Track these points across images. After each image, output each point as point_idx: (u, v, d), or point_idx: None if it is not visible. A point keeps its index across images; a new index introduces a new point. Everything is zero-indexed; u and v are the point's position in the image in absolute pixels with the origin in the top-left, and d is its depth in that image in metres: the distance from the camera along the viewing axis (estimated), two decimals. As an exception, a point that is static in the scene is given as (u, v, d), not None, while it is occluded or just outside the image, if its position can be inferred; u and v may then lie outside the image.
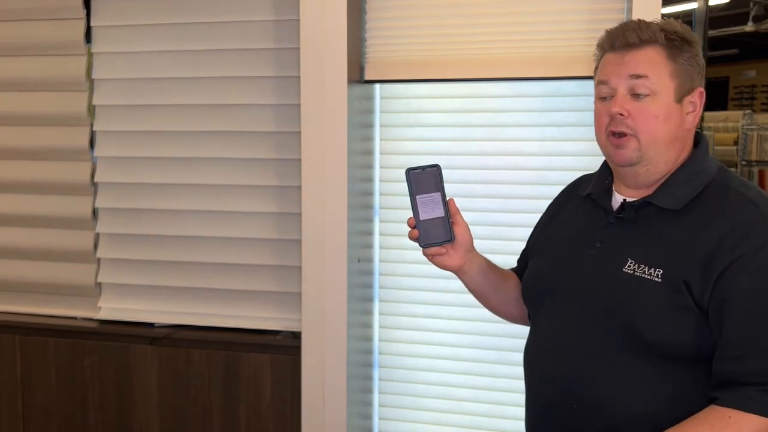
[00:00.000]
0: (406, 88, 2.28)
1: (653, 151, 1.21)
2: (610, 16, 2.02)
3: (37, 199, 2.56)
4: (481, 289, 1.48)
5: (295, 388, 2.30)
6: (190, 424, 2.42)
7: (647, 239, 1.21)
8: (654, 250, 1.19)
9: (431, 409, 2.35)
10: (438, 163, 1.36)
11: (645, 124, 1.20)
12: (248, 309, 2.42)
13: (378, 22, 2.21)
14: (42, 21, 2.46)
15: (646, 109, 1.20)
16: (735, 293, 1.12)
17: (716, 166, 1.25)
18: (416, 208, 1.33)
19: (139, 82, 2.41)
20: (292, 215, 2.32)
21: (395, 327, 2.37)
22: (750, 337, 1.12)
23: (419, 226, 1.34)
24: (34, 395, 2.54)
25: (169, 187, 2.44)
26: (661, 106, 1.20)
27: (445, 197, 1.34)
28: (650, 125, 1.20)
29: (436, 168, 1.35)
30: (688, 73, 1.21)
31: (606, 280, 1.23)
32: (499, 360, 2.25)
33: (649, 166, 1.23)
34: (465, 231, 1.36)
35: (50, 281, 2.58)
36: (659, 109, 1.19)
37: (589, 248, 1.28)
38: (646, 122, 1.20)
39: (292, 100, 2.25)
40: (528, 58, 2.10)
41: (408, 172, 1.34)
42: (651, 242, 1.20)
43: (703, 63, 1.25)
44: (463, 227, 1.36)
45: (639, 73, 1.20)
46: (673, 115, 1.20)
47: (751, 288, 1.12)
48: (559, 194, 1.51)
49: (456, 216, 1.35)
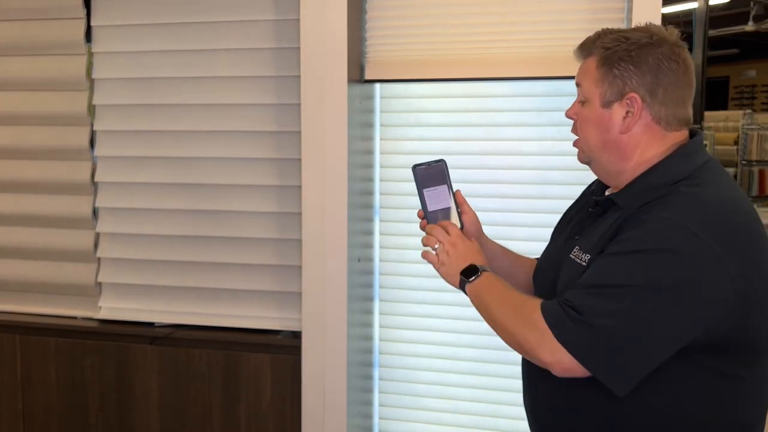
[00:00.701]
0: (406, 87, 2.28)
1: (592, 153, 1.29)
2: (610, 16, 2.03)
3: (37, 198, 2.56)
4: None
5: (295, 387, 2.30)
6: (190, 424, 2.42)
7: (597, 229, 1.25)
8: (594, 238, 1.24)
9: (431, 408, 2.35)
10: (443, 158, 1.42)
11: (581, 129, 1.29)
12: (248, 309, 2.42)
13: (378, 22, 2.21)
14: (42, 21, 2.46)
15: (582, 114, 1.28)
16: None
17: (689, 170, 1.20)
18: (424, 201, 1.41)
19: (139, 81, 2.42)
20: (293, 215, 2.32)
21: (395, 326, 2.37)
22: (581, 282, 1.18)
23: (428, 217, 1.42)
24: (35, 395, 2.54)
25: (169, 187, 2.44)
26: (592, 111, 1.26)
27: (451, 189, 1.42)
28: (584, 130, 1.29)
29: (441, 162, 1.42)
30: (618, 79, 1.22)
31: (558, 266, 1.31)
32: (499, 360, 2.25)
33: (598, 167, 1.30)
34: (473, 219, 1.44)
35: (50, 281, 2.58)
36: (590, 114, 1.26)
37: (569, 240, 1.34)
38: (582, 127, 1.29)
39: (293, 99, 2.25)
40: (528, 57, 2.10)
41: (414, 168, 1.41)
42: (596, 232, 1.25)
43: (650, 69, 1.21)
44: (471, 215, 1.43)
45: (577, 81, 1.29)
46: (602, 120, 1.25)
47: (604, 260, 1.17)
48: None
49: (463, 205, 1.43)
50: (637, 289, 1.11)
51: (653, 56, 1.20)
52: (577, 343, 1.13)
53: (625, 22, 2.01)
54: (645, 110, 1.22)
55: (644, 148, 1.23)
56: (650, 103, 1.21)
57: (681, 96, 1.23)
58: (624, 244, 1.15)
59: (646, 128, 1.23)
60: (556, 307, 1.16)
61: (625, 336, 1.11)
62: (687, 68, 1.22)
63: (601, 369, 1.12)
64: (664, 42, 1.21)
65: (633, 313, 1.10)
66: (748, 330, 1.14)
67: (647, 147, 1.23)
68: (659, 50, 1.20)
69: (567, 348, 1.13)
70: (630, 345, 1.11)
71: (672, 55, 1.21)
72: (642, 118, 1.22)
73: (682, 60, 1.22)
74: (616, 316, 1.11)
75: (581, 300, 1.14)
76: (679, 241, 1.10)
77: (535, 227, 2.18)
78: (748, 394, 1.19)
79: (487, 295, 1.29)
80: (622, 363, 1.12)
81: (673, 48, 1.21)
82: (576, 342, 1.13)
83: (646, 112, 1.22)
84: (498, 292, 1.28)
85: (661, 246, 1.11)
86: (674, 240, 1.10)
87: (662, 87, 1.21)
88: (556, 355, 1.14)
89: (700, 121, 7.75)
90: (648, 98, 1.21)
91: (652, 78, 1.20)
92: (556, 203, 2.16)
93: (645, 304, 1.10)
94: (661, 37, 1.22)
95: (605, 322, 1.11)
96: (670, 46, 1.21)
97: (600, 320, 1.11)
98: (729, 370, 1.15)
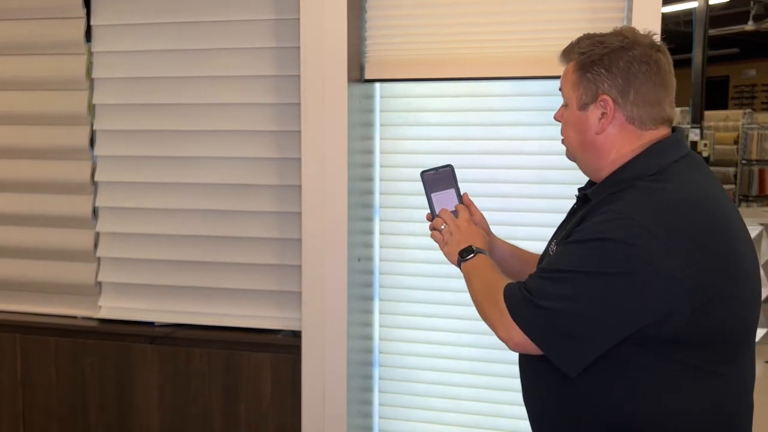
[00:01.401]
0: (406, 87, 2.28)
1: (574, 153, 1.36)
2: (610, 15, 2.03)
3: (37, 198, 2.56)
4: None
5: (295, 387, 2.30)
6: (190, 423, 2.43)
7: (570, 224, 1.32)
8: (564, 231, 1.32)
9: (431, 407, 2.35)
10: (451, 163, 1.51)
11: (564, 130, 1.37)
12: (248, 308, 2.42)
13: (378, 21, 2.21)
14: (42, 20, 2.47)
15: (564, 117, 1.36)
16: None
17: (661, 165, 1.24)
18: (432, 205, 1.49)
19: (139, 81, 2.42)
20: (293, 214, 2.32)
21: (395, 326, 2.37)
22: (539, 268, 1.29)
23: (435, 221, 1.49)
24: (35, 394, 2.54)
25: (169, 186, 2.44)
26: (571, 114, 1.33)
27: (459, 192, 1.50)
28: (565, 131, 1.36)
29: (448, 168, 1.51)
30: (591, 83, 1.27)
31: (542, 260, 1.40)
32: (499, 359, 2.25)
33: (580, 165, 1.37)
34: (480, 220, 1.52)
35: (50, 280, 2.58)
36: (570, 117, 1.33)
37: (554, 236, 1.43)
38: (564, 129, 1.37)
39: (293, 99, 2.26)
40: (527, 57, 2.10)
41: (422, 174, 1.50)
42: (569, 226, 1.32)
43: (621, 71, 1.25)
44: (478, 216, 1.52)
45: (560, 86, 1.36)
46: (579, 122, 1.31)
47: (561, 248, 1.27)
48: None
49: (471, 207, 1.52)
50: (583, 275, 1.18)
51: (624, 59, 1.25)
52: (528, 323, 1.21)
53: (624, 22, 2.01)
54: (618, 111, 1.27)
55: (620, 147, 1.28)
56: (622, 104, 1.26)
57: (655, 96, 1.26)
58: (578, 234, 1.23)
59: (620, 128, 1.28)
60: (515, 289, 1.25)
61: (570, 318, 1.18)
62: (659, 69, 1.26)
63: (550, 348, 1.21)
64: (636, 45, 1.26)
65: (578, 297, 1.17)
66: (712, 325, 1.16)
67: (623, 146, 1.28)
68: (630, 53, 1.25)
69: (519, 326, 1.22)
70: (575, 327, 1.18)
71: (644, 57, 1.25)
72: (615, 119, 1.27)
73: (654, 61, 1.25)
74: (562, 300, 1.18)
75: (535, 283, 1.23)
76: (625, 232, 1.15)
77: (534, 227, 2.18)
78: (730, 389, 1.22)
79: (474, 275, 1.38)
80: (568, 344, 1.19)
81: (645, 50, 1.25)
82: (527, 321, 1.21)
83: (619, 113, 1.27)
84: (484, 273, 1.37)
85: (608, 236, 1.16)
86: (620, 230, 1.15)
87: (633, 88, 1.25)
88: (510, 332, 1.23)
89: (700, 120, 7.75)
90: (620, 99, 1.26)
91: (623, 80, 1.25)
92: (555, 203, 2.17)
93: (589, 289, 1.17)
94: (633, 40, 1.26)
95: (552, 304, 1.19)
96: (642, 48, 1.25)
97: (548, 302, 1.19)
98: (705, 366, 1.18)
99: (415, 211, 2.30)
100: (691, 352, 1.17)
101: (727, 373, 1.20)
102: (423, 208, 2.27)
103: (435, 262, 2.29)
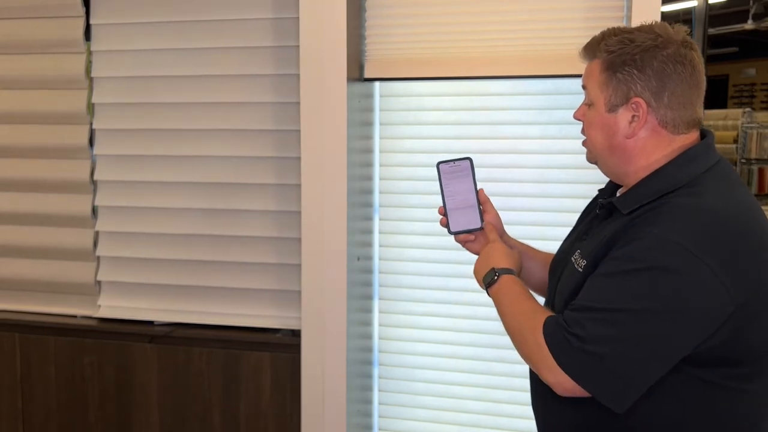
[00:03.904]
0: (406, 86, 2.28)
1: (597, 156, 1.29)
2: (610, 14, 2.02)
3: (36, 197, 2.56)
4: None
5: (294, 386, 2.30)
6: (189, 422, 2.42)
7: (598, 234, 1.25)
8: (593, 244, 1.24)
9: (431, 407, 2.35)
10: (470, 156, 1.44)
11: (588, 131, 1.29)
12: (248, 307, 2.42)
13: (378, 20, 2.21)
14: (41, 19, 2.46)
15: (588, 117, 1.28)
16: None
17: (691, 175, 1.18)
18: (445, 198, 1.43)
19: (138, 80, 2.41)
20: (292, 213, 2.32)
21: (395, 325, 2.37)
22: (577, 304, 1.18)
23: (448, 215, 1.44)
24: (34, 394, 2.54)
25: (168, 185, 2.44)
26: (597, 115, 1.25)
27: (476, 187, 1.44)
28: (590, 132, 1.28)
29: (467, 160, 1.43)
30: (623, 84, 1.20)
31: (563, 267, 1.33)
32: (499, 358, 2.25)
33: (604, 168, 1.30)
34: (495, 219, 1.47)
35: (50, 279, 2.58)
36: (595, 118, 1.26)
37: (576, 242, 1.35)
38: (588, 129, 1.29)
39: (292, 98, 2.25)
40: (528, 55, 2.10)
41: (438, 164, 1.43)
42: (596, 237, 1.25)
43: (655, 73, 1.19)
44: (493, 215, 1.47)
45: (583, 83, 1.29)
46: (607, 124, 1.24)
47: (598, 280, 1.17)
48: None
49: (486, 204, 1.47)
50: (632, 314, 1.10)
51: (658, 59, 1.18)
52: (576, 368, 1.13)
53: (624, 21, 2.01)
54: (650, 114, 1.20)
55: (650, 152, 1.22)
56: (656, 107, 1.19)
57: (688, 98, 1.20)
58: (616, 263, 1.14)
59: (652, 132, 1.21)
60: (555, 329, 1.16)
61: (621, 361, 1.11)
62: (694, 69, 1.20)
63: (600, 392, 1.13)
64: (669, 43, 1.18)
65: (627, 337, 1.10)
66: (743, 343, 1.12)
67: (653, 151, 1.22)
68: (664, 52, 1.18)
69: (567, 372, 1.14)
70: (627, 369, 1.11)
71: (678, 56, 1.18)
72: (648, 123, 1.20)
73: (688, 61, 1.19)
74: (610, 342, 1.11)
75: (577, 324, 1.14)
76: (671, 259, 1.08)
77: (535, 226, 2.17)
78: (754, 406, 1.18)
79: (501, 303, 1.31)
80: (619, 384, 1.12)
81: (679, 49, 1.18)
82: (574, 366, 1.13)
83: (651, 116, 1.20)
84: (508, 302, 1.30)
85: (653, 264, 1.09)
86: (666, 258, 1.09)
87: (668, 90, 1.18)
88: (557, 377, 1.15)
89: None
90: (653, 102, 1.19)
91: (657, 82, 1.18)
92: (557, 202, 2.17)
93: (639, 328, 1.10)
94: (666, 38, 1.19)
95: (601, 349, 1.11)
96: (676, 47, 1.18)
97: (596, 347, 1.11)
98: (729, 383, 1.14)
99: (415, 210, 2.30)
100: (719, 369, 1.13)
101: (752, 390, 1.16)
102: (423, 207, 2.29)
103: (434, 262, 2.29)
